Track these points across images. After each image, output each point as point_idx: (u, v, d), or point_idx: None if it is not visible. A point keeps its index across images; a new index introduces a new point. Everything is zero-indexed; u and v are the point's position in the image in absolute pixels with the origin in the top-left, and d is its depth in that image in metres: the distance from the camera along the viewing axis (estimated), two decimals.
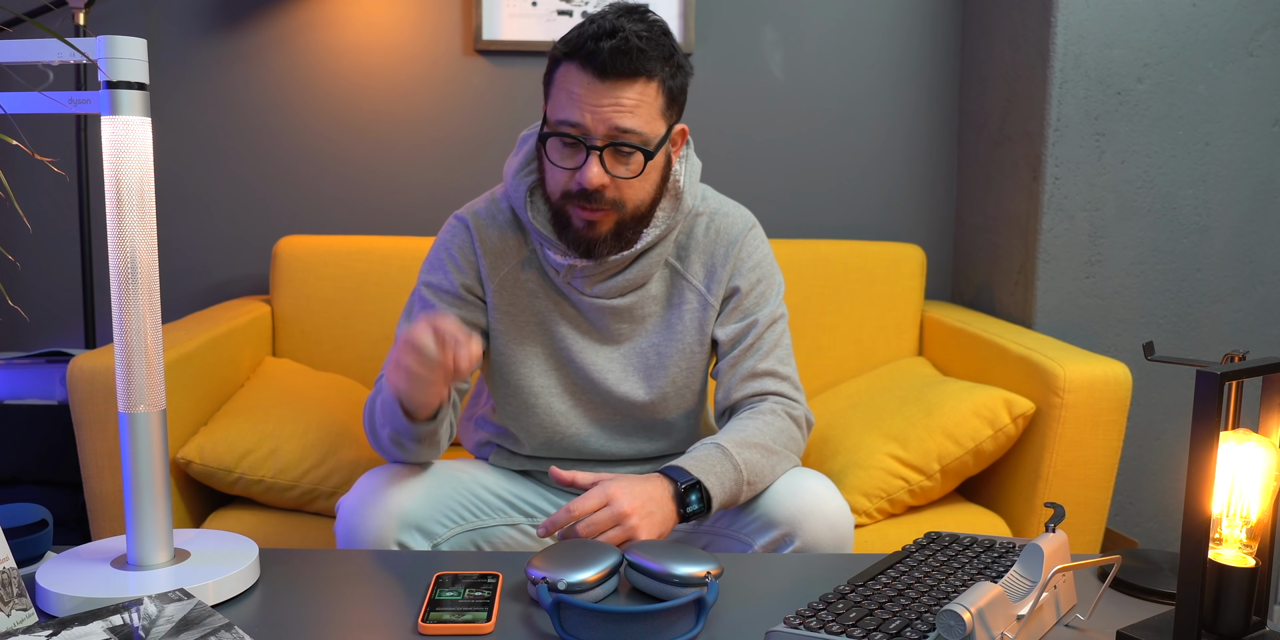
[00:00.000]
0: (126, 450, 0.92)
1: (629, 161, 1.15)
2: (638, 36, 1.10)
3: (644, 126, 1.13)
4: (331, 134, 2.09)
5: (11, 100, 0.87)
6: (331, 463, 1.52)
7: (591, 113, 1.11)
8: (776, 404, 1.25)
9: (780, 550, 1.11)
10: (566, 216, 1.18)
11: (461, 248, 1.28)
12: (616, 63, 1.09)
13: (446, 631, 0.85)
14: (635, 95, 1.12)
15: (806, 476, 1.17)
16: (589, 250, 1.19)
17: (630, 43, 1.10)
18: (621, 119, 1.11)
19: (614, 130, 1.12)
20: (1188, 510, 0.77)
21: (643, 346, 1.28)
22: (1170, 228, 1.83)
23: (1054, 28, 1.76)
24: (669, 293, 1.28)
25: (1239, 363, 0.79)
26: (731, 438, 1.16)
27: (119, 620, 0.79)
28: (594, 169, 1.13)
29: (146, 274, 0.90)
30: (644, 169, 1.16)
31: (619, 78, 1.11)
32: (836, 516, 1.12)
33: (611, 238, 1.18)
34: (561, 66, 1.14)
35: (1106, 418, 1.48)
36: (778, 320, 1.30)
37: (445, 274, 1.27)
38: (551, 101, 1.16)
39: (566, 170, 1.16)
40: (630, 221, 1.19)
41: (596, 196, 1.14)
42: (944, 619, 0.73)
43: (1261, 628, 0.85)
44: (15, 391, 1.76)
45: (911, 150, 2.15)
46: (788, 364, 1.29)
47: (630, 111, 1.12)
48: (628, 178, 1.15)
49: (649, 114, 1.14)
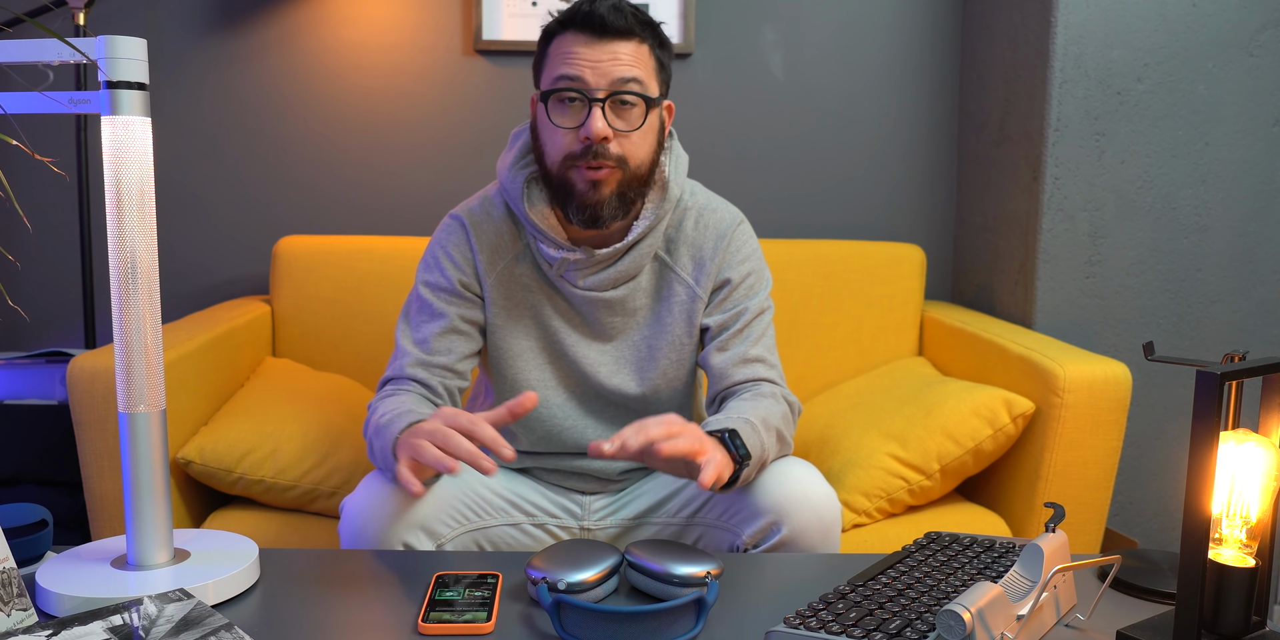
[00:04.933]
0: (126, 450, 0.92)
1: (630, 113, 1.18)
2: (631, 5, 1.18)
3: (644, 79, 1.18)
4: (331, 134, 2.09)
5: (11, 100, 0.87)
6: (331, 463, 1.52)
7: (592, 68, 1.16)
8: (775, 389, 1.26)
9: (768, 538, 1.11)
10: (570, 183, 1.20)
11: (457, 245, 1.29)
12: (614, 20, 1.15)
13: (446, 631, 0.85)
14: (631, 51, 1.17)
15: (793, 465, 1.18)
16: (595, 216, 1.20)
17: (623, 5, 1.17)
18: (622, 70, 1.16)
19: (615, 82, 1.16)
20: (1188, 510, 0.77)
21: (634, 340, 1.30)
22: (1170, 228, 1.83)
23: (1054, 28, 1.76)
24: (658, 285, 1.30)
25: (1239, 363, 0.79)
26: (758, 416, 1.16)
27: (119, 620, 0.79)
28: (599, 120, 1.15)
29: (146, 274, 0.90)
30: (645, 121, 1.19)
31: (616, 36, 1.16)
32: (823, 504, 1.12)
33: (615, 199, 1.20)
34: (555, 39, 1.19)
35: (1106, 418, 1.48)
36: (765, 311, 1.32)
37: (442, 272, 1.29)
38: (547, 70, 1.20)
39: (568, 130, 1.18)
40: (632, 181, 1.20)
41: (601, 151, 1.17)
42: (944, 619, 0.73)
43: (1261, 628, 0.85)
44: (15, 391, 1.76)
45: (911, 150, 2.15)
46: (775, 354, 1.31)
47: (629, 65, 1.17)
48: (629, 131, 1.18)
49: (645, 70, 1.19)
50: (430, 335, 1.27)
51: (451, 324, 1.27)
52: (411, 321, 1.29)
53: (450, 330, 1.27)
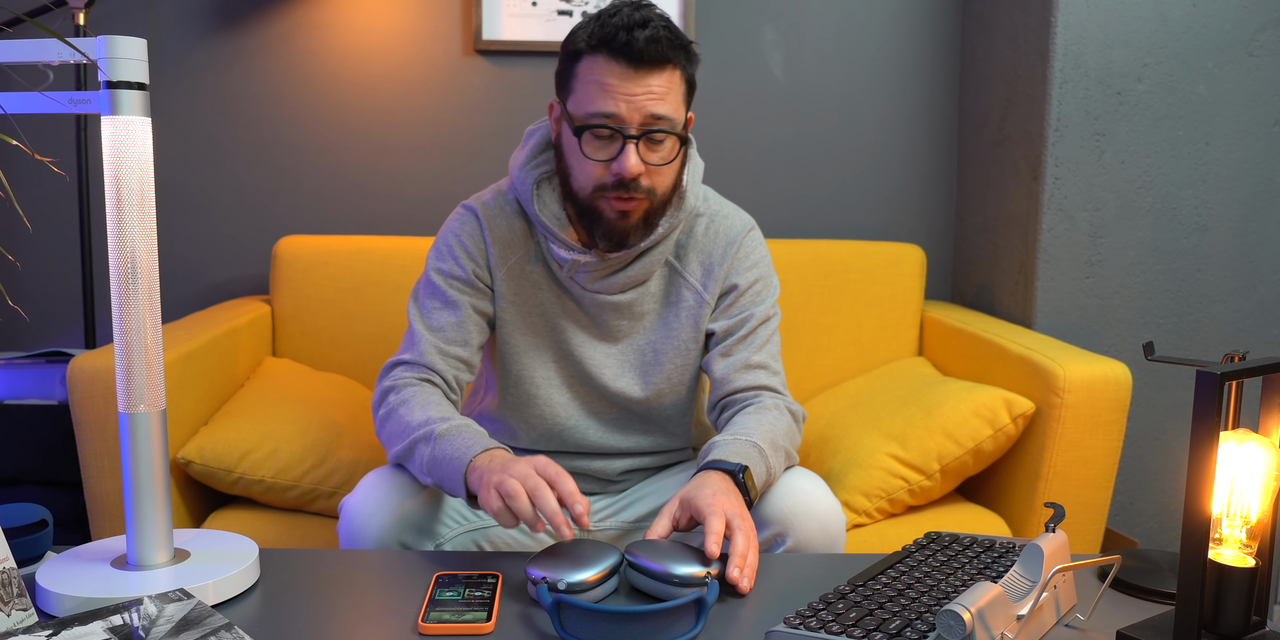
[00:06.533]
0: (126, 450, 0.92)
1: (662, 148, 1.17)
2: (665, 27, 1.13)
3: (674, 112, 1.15)
4: (331, 134, 2.09)
5: (11, 100, 0.87)
6: (331, 463, 1.52)
7: (626, 102, 1.13)
8: (778, 400, 1.25)
9: (772, 550, 1.11)
10: (597, 210, 1.19)
11: (471, 235, 1.28)
12: (651, 51, 1.11)
13: (446, 631, 0.85)
14: (665, 83, 1.14)
15: (799, 475, 1.17)
16: (622, 241, 1.20)
17: (660, 32, 1.12)
18: (655, 106, 1.13)
19: (649, 118, 1.14)
20: (1188, 510, 0.77)
21: (639, 344, 1.29)
22: (1170, 228, 1.83)
23: (1054, 28, 1.76)
24: (666, 290, 1.30)
25: (1239, 363, 0.79)
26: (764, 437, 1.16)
27: (119, 620, 0.79)
28: (632, 158, 1.14)
29: (146, 274, 0.90)
30: (675, 155, 1.18)
31: (652, 66, 1.13)
32: (828, 515, 1.12)
33: (642, 225, 1.20)
34: (585, 59, 1.15)
35: (1106, 418, 1.48)
36: (771, 318, 1.31)
37: (456, 260, 1.27)
38: (576, 96, 1.16)
39: (599, 163, 1.16)
40: (659, 208, 1.21)
41: (634, 186, 1.16)
42: (944, 619, 0.73)
43: (1261, 628, 0.85)
44: (15, 391, 1.76)
45: (911, 150, 2.15)
46: (778, 361, 1.31)
47: (662, 99, 1.14)
48: (660, 164, 1.17)
49: (676, 101, 1.16)
50: (446, 324, 1.25)
51: (466, 314, 1.26)
52: (423, 307, 1.27)
53: (465, 321, 1.26)
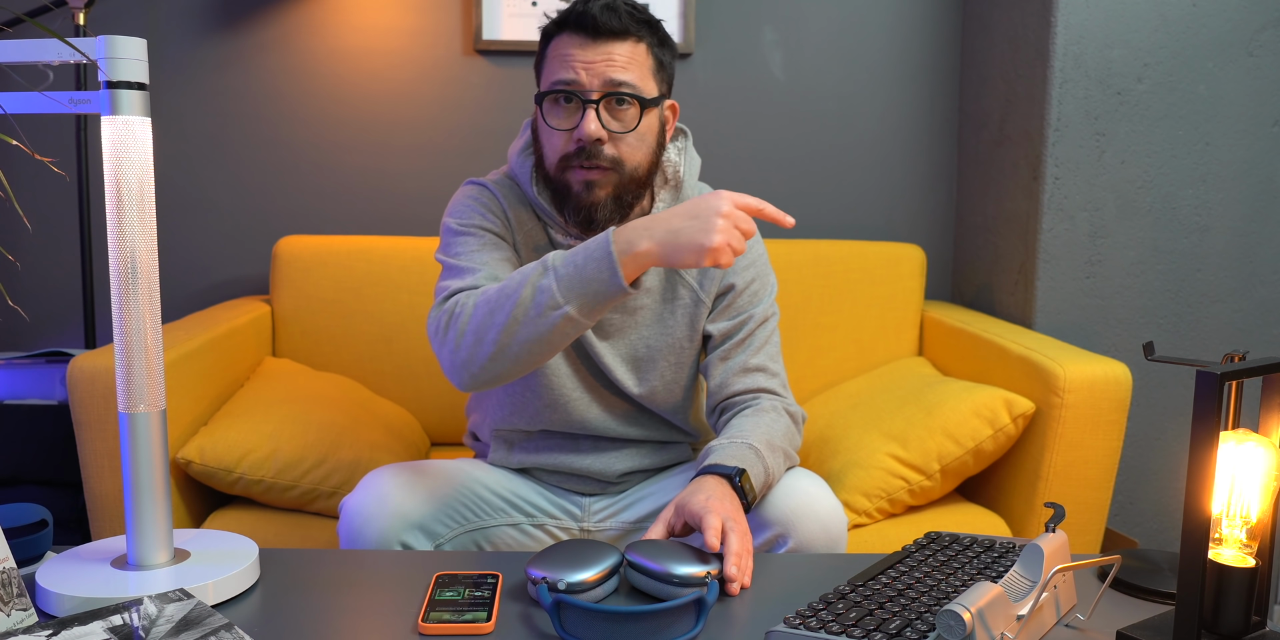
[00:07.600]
0: (126, 450, 0.92)
1: (625, 114, 1.17)
2: (626, 3, 1.17)
3: (638, 81, 1.17)
4: (331, 134, 2.09)
5: (11, 100, 0.87)
6: (331, 463, 1.52)
7: (585, 69, 1.16)
8: (776, 402, 1.25)
9: (774, 551, 1.11)
10: (566, 184, 1.19)
11: (488, 205, 1.27)
12: (607, 20, 1.15)
13: (446, 631, 0.85)
14: (627, 52, 1.17)
15: (800, 476, 1.17)
16: (590, 217, 1.19)
17: (618, 4, 1.16)
18: (615, 72, 1.16)
19: (608, 83, 1.15)
20: (1188, 510, 0.77)
21: (633, 340, 1.29)
22: (1170, 228, 1.83)
23: (1054, 28, 1.76)
24: (663, 288, 1.29)
25: (1239, 363, 0.79)
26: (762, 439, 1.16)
27: (119, 620, 0.79)
28: (592, 123, 1.15)
29: (146, 274, 0.90)
30: (639, 122, 1.18)
31: (610, 36, 1.16)
32: (829, 516, 1.12)
33: (611, 202, 1.19)
34: (553, 40, 1.19)
35: (1106, 418, 1.48)
36: (770, 318, 1.31)
37: (484, 216, 1.25)
38: (545, 72, 1.20)
39: (563, 132, 1.18)
40: (629, 185, 1.20)
41: (595, 151, 1.16)
42: (944, 619, 0.73)
43: (1261, 628, 0.85)
44: (15, 391, 1.76)
45: (911, 150, 2.15)
46: (778, 362, 1.30)
47: (623, 67, 1.16)
48: (623, 132, 1.17)
49: (641, 72, 1.18)
50: (491, 259, 1.21)
51: (507, 254, 1.23)
52: (460, 251, 1.21)
53: (509, 259, 1.23)
